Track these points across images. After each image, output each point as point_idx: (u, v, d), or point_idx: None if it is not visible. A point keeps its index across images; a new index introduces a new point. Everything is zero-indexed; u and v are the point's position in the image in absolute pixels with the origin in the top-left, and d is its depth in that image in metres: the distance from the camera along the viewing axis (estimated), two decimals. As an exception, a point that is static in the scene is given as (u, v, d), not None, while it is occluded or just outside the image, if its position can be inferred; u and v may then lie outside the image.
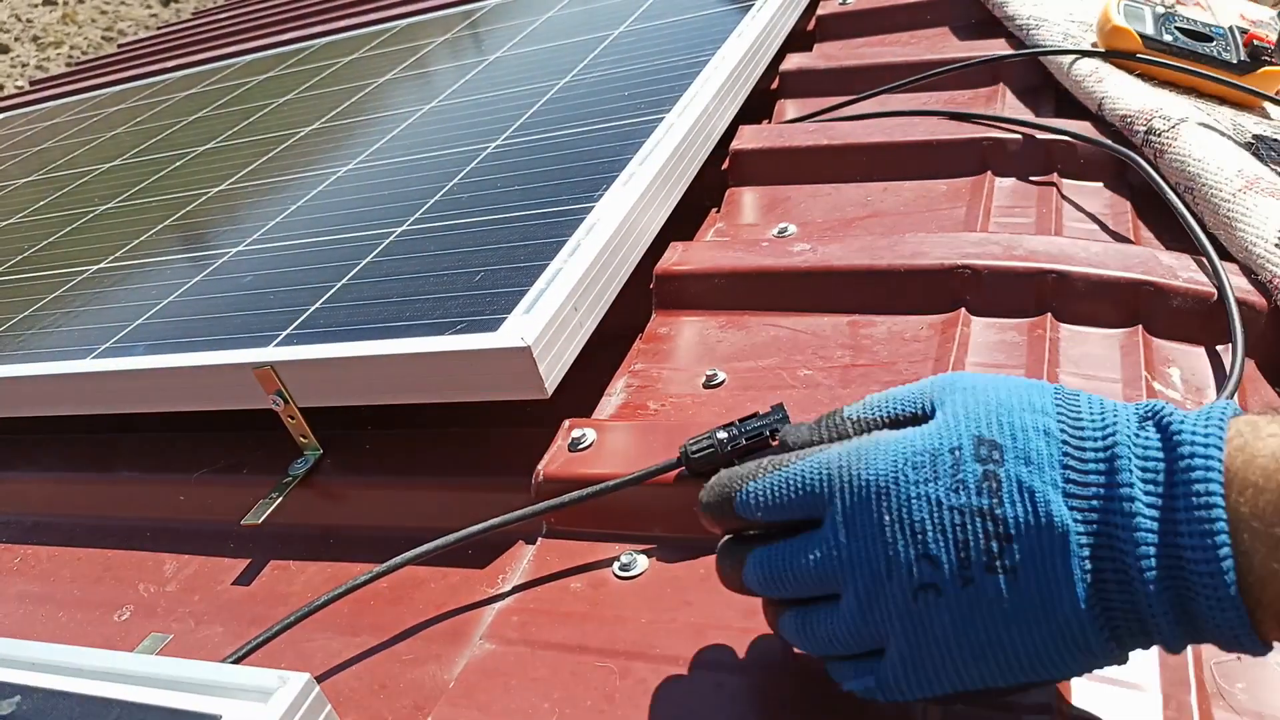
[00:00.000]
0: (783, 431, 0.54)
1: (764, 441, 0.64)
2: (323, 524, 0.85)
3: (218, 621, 0.78)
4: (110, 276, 1.18)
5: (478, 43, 1.71)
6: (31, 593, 0.89)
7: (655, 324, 0.95)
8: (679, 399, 0.83)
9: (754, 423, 0.65)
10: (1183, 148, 0.93)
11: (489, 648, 0.65)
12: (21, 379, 0.97)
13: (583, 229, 0.87)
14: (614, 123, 1.10)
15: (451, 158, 1.18)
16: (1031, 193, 1.02)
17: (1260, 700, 0.52)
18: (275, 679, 0.48)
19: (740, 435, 0.64)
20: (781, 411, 0.64)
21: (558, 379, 0.75)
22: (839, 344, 0.85)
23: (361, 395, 0.81)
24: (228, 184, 1.40)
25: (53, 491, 1.02)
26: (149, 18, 7.29)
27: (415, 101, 1.48)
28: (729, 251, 0.96)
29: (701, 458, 0.65)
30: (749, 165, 1.16)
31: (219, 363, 0.84)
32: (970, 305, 0.84)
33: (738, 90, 1.18)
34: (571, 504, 0.68)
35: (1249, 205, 0.83)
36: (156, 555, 0.89)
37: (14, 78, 6.58)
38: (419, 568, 0.76)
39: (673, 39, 1.33)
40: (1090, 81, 1.09)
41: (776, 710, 0.54)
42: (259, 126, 1.67)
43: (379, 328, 0.82)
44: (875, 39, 1.51)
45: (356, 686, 0.67)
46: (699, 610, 0.63)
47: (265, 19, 3.23)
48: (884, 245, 0.90)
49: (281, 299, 0.94)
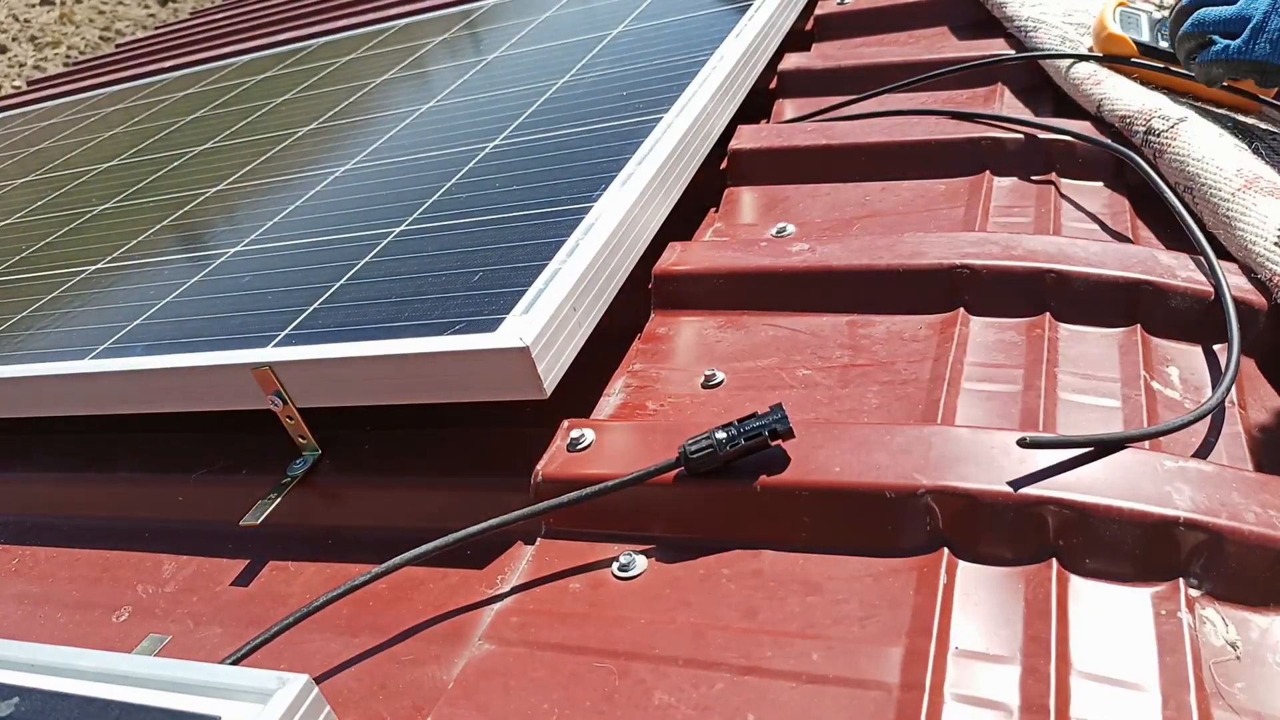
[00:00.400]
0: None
1: (763, 442, 0.64)
2: (322, 524, 0.85)
3: (216, 622, 0.78)
4: (108, 277, 1.18)
5: (476, 43, 1.71)
6: (30, 593, 0.89)
7: (654, 324, 0.95)
8: (678, 399, 0.83)
9: (753, 423, 0.65)
10: (1182, 148, 0.93)
11: (488, 648, 0.65)
12: (20, 379, 0.97)
13: (581, 229, 0.87)
14: (612, 123, 1.10)
15: (450, 158, 1.17)
16: (1030, 192, 1.02)
17: (1260, 700, 0.52)
18: (274, 680, 0.48)
19: (739, 435, 0.64)
20: (780, 412, 0.64)
21: (556, 379, 0.75)
22: (838, 344, 0.85)
23: (360, 395, 0.81)
24: (226, 184, 1.39)
25: (51, 492, 1.02)
26: (146, 18, 7.29)
27: (413, 101, 1.48)
28: (727, 251, 0.96)
29: (701, 458, 0.65)
30: (747, 165, 1.16)
31: (218, 363, 0.84)
32: (969, 305, 0.84)
33: (736, 90, 1.18)
34: (571, 504, 0.68)
35: (1248, 204, 0.83)
36: (155, 556, 0.89)
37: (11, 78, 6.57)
38: (418, 568, 0.76)
39: (671, 39, 1.33)
40: (1089, 84, 1.09)
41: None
42: (257, 126, 1.67)
43: (378, 328, 0.82)
44: (874, 39, 1.51)
45: (356, 687, 0.67)
46: (698, 610, 0.63)
47: (263, 19, 3.23)
48: (883, 245, 0.90)
49: (280, 299, 0.94)
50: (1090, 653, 0.55)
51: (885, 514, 0.64)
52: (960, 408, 0.74)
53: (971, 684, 0.54)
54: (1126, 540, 0.58)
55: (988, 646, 0.56)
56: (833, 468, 0.66)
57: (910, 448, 0.66)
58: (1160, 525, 0.58)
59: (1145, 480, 0.60)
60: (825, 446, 0.68)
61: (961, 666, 0.55)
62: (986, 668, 0.55)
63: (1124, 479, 0.60)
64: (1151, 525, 0.58)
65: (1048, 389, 0.75)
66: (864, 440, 0.67)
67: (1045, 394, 0.74)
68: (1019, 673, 0.54)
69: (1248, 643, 0.55)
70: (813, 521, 0.66)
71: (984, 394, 0.76)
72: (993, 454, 0.63)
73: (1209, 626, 0.56)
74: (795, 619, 0.61)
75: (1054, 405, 0.73)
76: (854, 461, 0.66)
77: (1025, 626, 0.57)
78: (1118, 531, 0.58)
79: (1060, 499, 0.60)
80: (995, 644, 0.56)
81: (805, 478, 0.66)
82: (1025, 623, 0.57)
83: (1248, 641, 0.55)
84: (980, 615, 0.58)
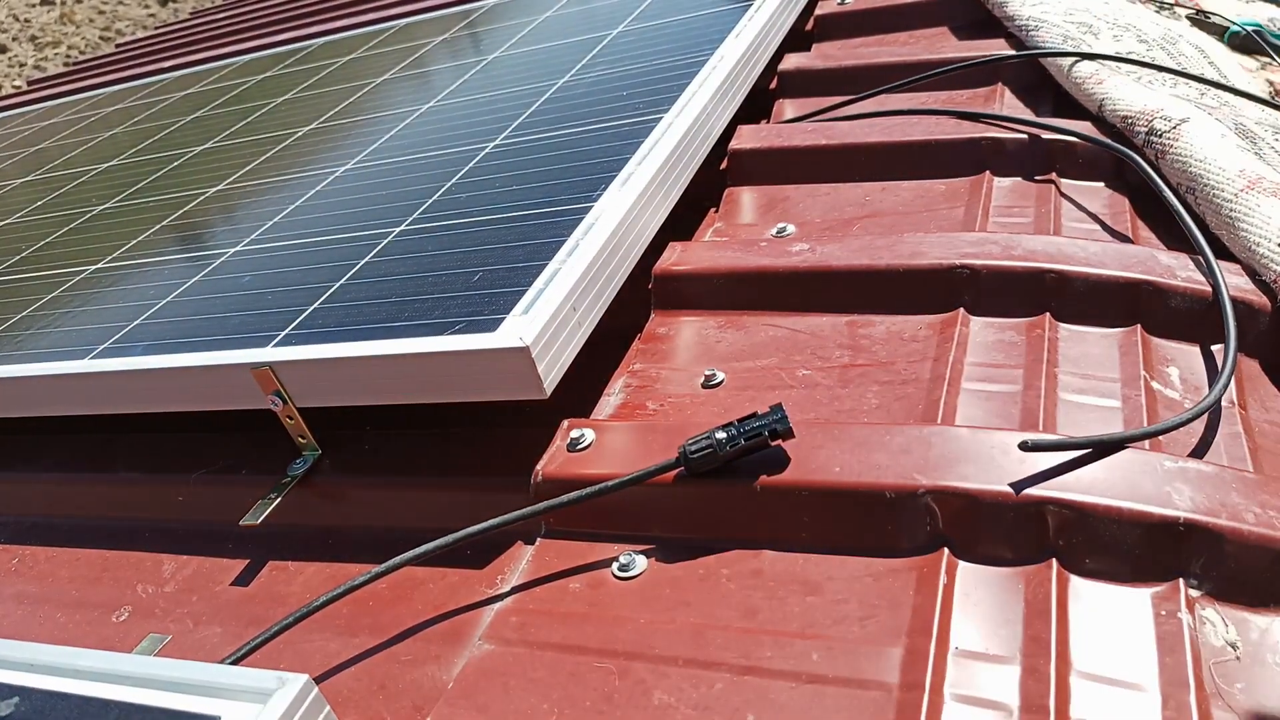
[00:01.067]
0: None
1: (763, 442, 0.64)
2: (321, 524, 0.85)
3: (216, 622, 0.78)
4: (108, 277, 1.18)
5: (476, 43, 1.71)
6: (29, 593, 0.89)
7: (654, 324, 0.95)
8: (678, 399, 0.83)
9: (753, 423, 0.65)
10: (1184, 148, 0.93)
11: (488, 648, 0.65)
12: (19, 379, 0.97)
13: (581, 229, 0.87)
14: (612, 123, 1.10)
15: (450, 157, 1.17)
16: (1030, 192, 1.02)
17: (1260, 700, 0.52)
18: (274, 680, 0.48)
19: (739, 435, 0.64)
20: (780, 412, 0.64)
21: (556, 379, 0.75)
22: (837, 344, 0.85)
23: (360, 395, 0.81)
24: (226, 184, 1.39)
25: (51, 492, 1.02)
26: (147, 17, 7.29)
27: (413, 101, 1.48)
28: (727, 251, 0.96)
29: (700, 458, 0.65)
30: (747, 165, 1.16)
31: (217, 363, 0.84)
32: (969, 305, 0.84)
33: (736, 90, 1.18)
34: (571, 504, 0.68)
35: (1251, 205, 0.83)
36: (155, 556, 0.89)
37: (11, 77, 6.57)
38: (418, 568, 0.76)
39: (671, 39, 1.33)
40: (1090, 83, 1.09)
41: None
42: (257, 126, 1.67)
43: (377, 328, 0.82)
44: (874, 39, 1.51)
45: (355, 687, 0.67)
46: (698, 610, 0.63)
47: (263, 19, 3.23)
48: (882, 245, 0.90)
49: (280, 299, 0.94)
50: (1090, 653, 0.55)
51: (885, 514, 0.64)
52: (960, 408, 0.74)
53: (971, 684, 0.54)
54: (1126, 540, 0.58)
55: (987, 646, 0.56)
56: (833, 468, 0.66)
57: (910, 448, 0.66)
58: (1160, 525, 0.58)
59: (1145, 480, 0.60)
60: (825, 446, 0.68)
61: (961, 666, 0.55)
62: (986, 668, 0.55)
63: (1124, 479, 0.60)
64: (1151, 525, 0.58)
65: (1048, 389, 0.75)
66: (864, 440, 0.67)
67: (1045, 394, 0.74)
68: (1019, 673, 0.54)
69: (1247, 643, 0.55)
70: (812, 521, 0.66)
71: (984, 394, 0.76)
72: (992, 454, 0.63)
73: (1209, 626, 0.56)
74: (795, 619, 0.61)
75: (1054, 405, 0.73)
76: (854, 461, 0.66)
77: (1025, 626, 0.57)
78: (1117, 532, 0.58)
79: (1060, 499, 0.60)
80: (995, 644, 0.56)
81: (805, 478, 0.66)
82: (1025, 623, 0.57)
83: (1247, 641, 0.55)
84: (980, 615, 0.58)
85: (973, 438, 0.65)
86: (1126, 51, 1.17)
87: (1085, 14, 1.28)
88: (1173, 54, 1.23)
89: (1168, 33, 1.27)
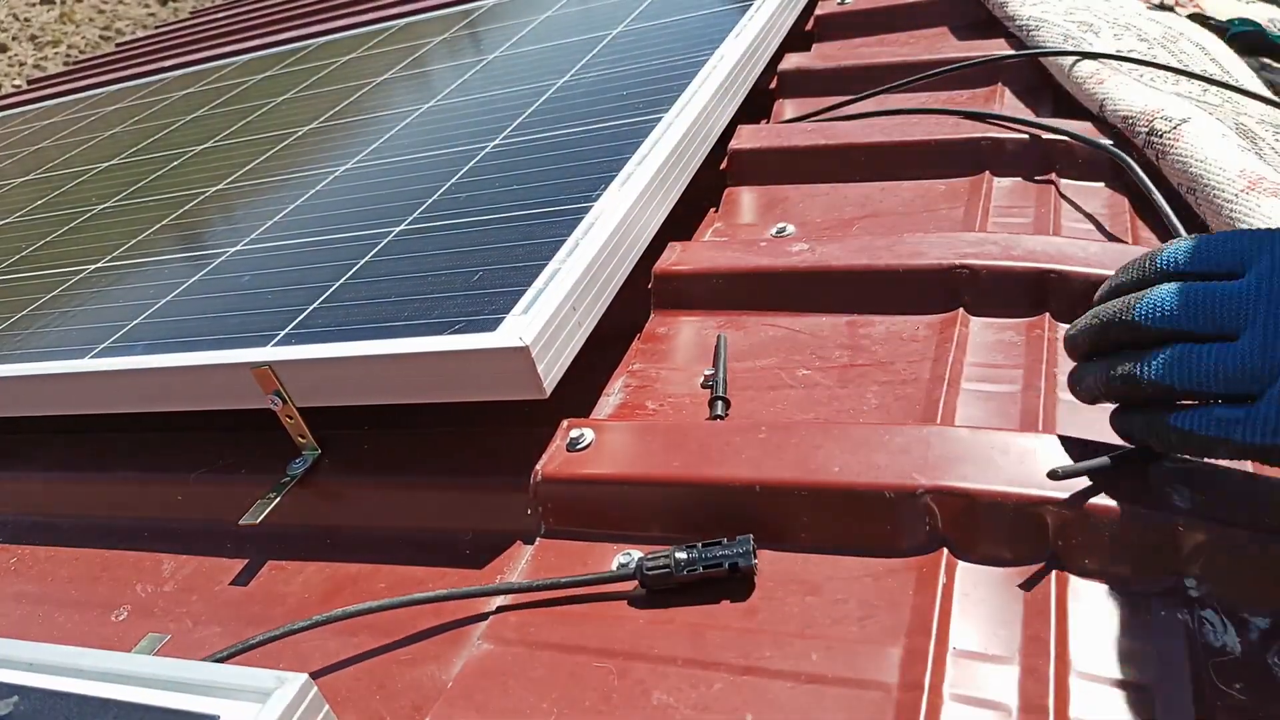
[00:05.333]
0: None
1: (722, 573, 0.63)
2: (321, 524, 0.85)
3: (215, 622, 0.78)
4: (108, 276, 1.18)
5: (475, 42, 1.71)
6: (29, 593, 0.89)
7: (653, 324, 0.95)
8: (677, 399, 0.83)
9: (717, 551, 0.63)
10: (1185, 149, 0.92)
11: (487, 648, 0.65)
12: (19, 379, 0.97)
13: (581, 229, 0.87)
14: (612, 122, 1.10)
15: (449, 157, 1.17)
16: (1030, 192, 1.02)
17: (1260, 700, 0.52)
18: (273, 679, 0.48)
19: (698, 562, 0.63)
20: (747, 544, 0.63)
21: (556, 379, 0.75)
22: (837, 344, 0.85)
23: (359, 395, 0.81)
24: (225, 183, 1.39)
25: (49, 491, 1.02)
26: (147, 17, 7.29)
27: (413, 101, 1.48)
28: (727, 251, 0.96)
29: (656, 575, 0.64)
30: (747, 165, 1.16)
31: (217, 362, 0.84)
32: (968, 305, 0.84)
33: (736, 90, 1.18)
34: (523, 590, 0.67)
35: (1252, 205, 0.83)
36: (154, 555, 0.89)
37: (11, 77, 6.57)
38: (418, 568, 0.76)
39: (671, 39, 1.33)
40: (1091, 83, 1.09)
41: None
42: (257, 126, 1.67)
43: (377, 327, 0.82)
44: (874, 39, 1.51)
45: (355, 687, 0.67)
46: (697, 610, 0.63)
47: (263, 18, 3.23)
48: (882, 245, 0.90)
49: (279, 299, 0.94)
50: (1089, 653, 0.55)
51: (884, 514, 0.64)
52: (960, 408, 0.74)
53: (970, 684, 0.54)
54: (1125, 540, 0.58)
55: (987, 647, 0.56)
56: (832, 467, 0.66)
57: (909, 448, 0.66)
58: (1159, 526, 0.58)
59: (1144, 480, 0.60)
60: (824, 446, 0.68)
61: (960, 666, 0.55)
62: (985, 668, 0.55)
63: (1123, 479, 0.60)
64: (1151, 526, 0.58)
65: (1048, 389, 0.75)
66: (863, 440, 0.67)
67: (1045, 394, 0.74)
68: (1018, 673, 0.54)
69: (1247, 643, 0.55)
70: (811, 521, 0.66)
71: (983, 394, 0.76)
72: (992, 454, 0.63)
73: (1209, 627, 0.56)
74: (794, 619, 0.61)
75: (1054, 405, 0.73)
76: (853, 461, 0.66)
77: (1024, 626, 0.57)
78: (1117, 532, 0.58)
79: (1060, 499, 0.60)
80: (994, 644, 0.56)
81: (804, 477, 0.66)
82: (1024, 623, 0.57)
83: (1247, 641, 0.55)
84: (979, 615, 0.58)
85: (972, 438, 0.65)
86: (1128, 50, 1.17)
87: (1086, 13, 1.28)
88: (1174, 52, 1.22)
89: (1169, 31, 1.27)
